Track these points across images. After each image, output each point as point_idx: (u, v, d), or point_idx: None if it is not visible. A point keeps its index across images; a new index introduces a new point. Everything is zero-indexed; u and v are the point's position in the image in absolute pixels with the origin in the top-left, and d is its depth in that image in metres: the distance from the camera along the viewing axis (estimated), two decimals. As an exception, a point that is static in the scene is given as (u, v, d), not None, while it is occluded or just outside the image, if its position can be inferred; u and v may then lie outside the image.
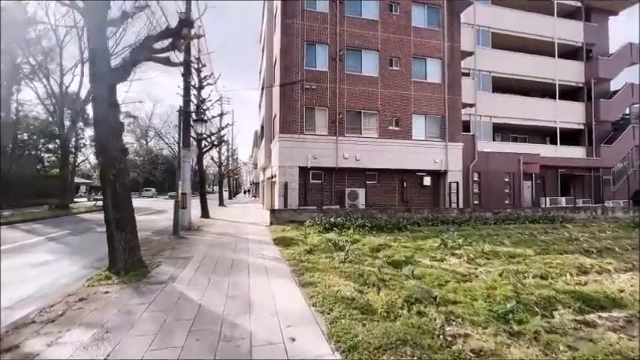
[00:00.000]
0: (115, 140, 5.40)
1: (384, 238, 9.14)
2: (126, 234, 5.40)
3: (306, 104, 14.07)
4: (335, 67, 14.45)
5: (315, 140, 14.08)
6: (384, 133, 15.08)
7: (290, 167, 13.69)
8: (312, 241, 8.41)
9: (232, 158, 33.00)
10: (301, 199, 14.08)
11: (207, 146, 16.33)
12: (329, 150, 14.20)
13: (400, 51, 15.44)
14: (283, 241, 8.50)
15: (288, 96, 13.83)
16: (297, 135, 13.84)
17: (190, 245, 8.03)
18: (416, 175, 16.01)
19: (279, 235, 9.58)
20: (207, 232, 10.41)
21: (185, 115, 11.11)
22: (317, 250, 7.21)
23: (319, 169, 14.51)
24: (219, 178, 29.01)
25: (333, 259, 6.32)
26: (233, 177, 44.29)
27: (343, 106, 14.54)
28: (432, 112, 15.88)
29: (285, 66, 13.91)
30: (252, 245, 8.11)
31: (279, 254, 6.99)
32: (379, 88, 15.05)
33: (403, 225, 11.03)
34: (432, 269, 5.66)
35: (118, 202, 5.35)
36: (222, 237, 9.41)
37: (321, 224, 10.60)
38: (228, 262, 6.25)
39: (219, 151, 26.79)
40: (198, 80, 15.07)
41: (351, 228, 10.12)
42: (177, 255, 6.91)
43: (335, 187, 14.85)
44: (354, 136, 14.69)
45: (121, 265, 5.29)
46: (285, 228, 10.79)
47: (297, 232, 9.81)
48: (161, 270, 5.63)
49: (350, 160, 14.42)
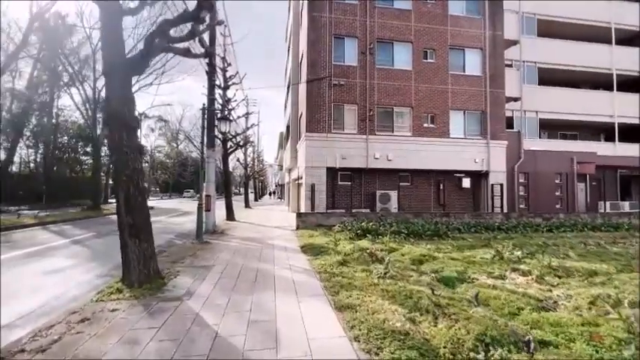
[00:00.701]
0: (130, 137, 4.87)
1: (424, 246, 8.13)
2: (140, 242, 4.85)
3: (334, 101, 13.28)
4: (365, 61, 13.55)
5: (344, 139, 13.25)
6: (418, 131, 13.95)
7: (317, 168, 12.94)
8: (343, 249, 7.58)
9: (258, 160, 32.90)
10: (329, 201, 13.28)
11: (233, 147, 15.99)
12: (359, 150, 13.30)
13: (436, 42, 14.25)
14: (312, 248, 7.73)
15: (315, 93, 13.11)
16: (324, 134, 13.07)
17: (213, 252, 7.47)
18: (453, 176, 14.70)
19: (306, 241, 8.83)
20: (231, 237, 9.87)
21: (209, 114, 10.69)
22: (350, 260, 6.36)
23: (348, 170, 13.65)
24: (244, 179, 28.94)
25: (371, 273, 5.47)
26: (259, 179, 44.44)
27: (374, 102, 13.59)
28: (471, 108, 14.53)
29: (312, 61, 13.21)
30: (279, 253, 7.41)
31: (308, 265, 6.21)
32: (413, 82, 13.95)
33: (443, 232, 9.90)
34: (495, 290, 4.62)
35: (132, 205, 4.82)
36: (247, 242, 8.81)
37: (351, 230, 9.73)
38: (251, 273, 5.56)
39: (245, 152, 26.66)
40: (224, 80, 14.76)
41: (386, 235, 9.19)
42: (197, 263, 6.34)
43: (365, 189, 13.92)
44: (386, 135, 13.69)
45: (134, 276, 4.74)
46: (312, 233, 10.03)
47: (325, 239, 9.01)
48: (178, 282, 5.03)
49: (381, 161, 13.44)
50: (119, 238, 4.84)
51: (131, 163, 4.85)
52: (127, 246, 4.79)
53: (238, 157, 27.91)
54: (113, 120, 4.84)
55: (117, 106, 4.81)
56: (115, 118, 4.82)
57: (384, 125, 13.78)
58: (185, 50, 5.91)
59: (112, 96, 4.83)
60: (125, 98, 4.89)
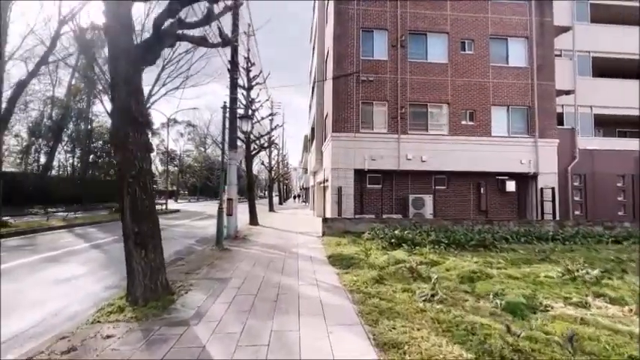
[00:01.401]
0: (137, 133, 4.30)
1: (470, 259, 7.02)
2: (147, 252, 4.24)
3: (362, 99, 12.40)
4: (395, 55, 12.57)
5: (373, 139, 12.31)
6: (455, 129, 12.72)
7: (344, 170, 12.08)
8: (376, 261, 6.67)
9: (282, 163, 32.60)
10: (357, 206, 12.36)
11: (256, 149, 15.52)
12: (389, 150, 12.30)
13: (474, 32, 12.99)
14: (340, 259, 6.88)
15: (342, 90, 12.30)
16: (352, 134, 12.21)
17: (232, 261, 6.82)
18: (495, 178, 13.27)
19: (334, 250, 7.98)
20: (253, 243, 9.23)
21: (231, 114, 10.19)
22: (387, 276, 5.44)
23: (378, 173, 12.67)
24: (269, 182, 28.63)
25: (414, 294, 4.54)
26: (283, 182, 44.24)
27: (406, 99, 12.56)
28: (516, 103, 13.07)
29: (338, 57, 12.43)
30: (304, 264, 6.62)
31: (338, 280, 5.36)
32: (449, 76, 12.77)
33: (490, 242, 8.67)
34: (587, 327, 3.53)
35: (138, 210, 4.22)
36: (269, 250, 8.11)
37: (384, 238, 8.76)
38: (272, 290, 4.80)
39: (270, 155, 26.34)
40: (247, 80, 14.34)
41: (424, 245, 8.14)
42: (214, 274, 5.68)
43: (396, 192, 12.86)
44: (419, 134, 12.58)
45: (139, 292, 4.13)
46: (340, 241, 9.17)
47: (355, 248, 8.12)
48: (189, 299, 4.36)
49: (414, 162, 12.34)
50: (124, 247, 4.26)
51: (138, 162, 4.27)
52: (132, 257, 4.20)
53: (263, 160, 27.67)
54: (118, 113, 4.29)
55: (123, 98, 4.26)
56: (121, 111, 4.27)
57: (417, 124, 12.69)
58: (200, 39, 5.32)
59: (118, 87, 4.29)
60: (133, 89, 4.33)
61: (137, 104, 4.36)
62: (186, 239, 10.34)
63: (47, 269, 6.26)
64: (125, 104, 4.25)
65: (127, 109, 4.26)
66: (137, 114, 4.33)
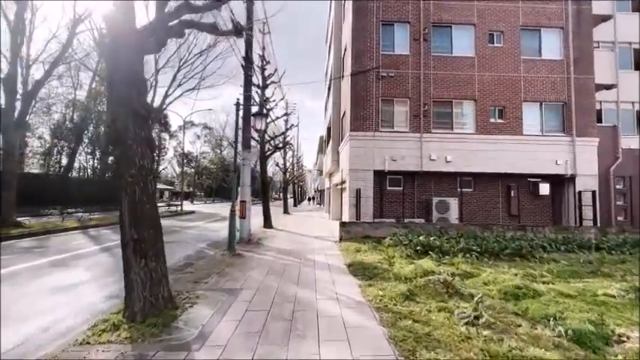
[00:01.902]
0: (137, 127, 3.84)
1: (506, 270, 6.25)
2: (147, 261, 3.76)
3: (382, 96, 11.72)
4: (418, 49, 11.83)
5: (394, 138, 11.59)
6: (483, 127, 11.83)
7: (363, 171, 11.42)
8: (402, 270, 6.00)
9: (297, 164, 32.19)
10: (376, 209, 11.66)
11: (271, 149, 15.09)
12: (411, 150, 11.55)
13: (504, 22, 12.09)
14: (361, 268, 6.24)
15: (360, 87, 11.67)
16: (371, 133, 11.54)
17: (244, 268, 6.31)
18: (527, 181, 12.26)
19: (353, 257, 7.35)
20: (267, 248, 8.71)
21: (245, 112, 9.75)
22: (418, 291, 4.76)
23: (399, 174, 11.93)
24: (284, 184, 28.24)
25: (452, 315, 3.86)
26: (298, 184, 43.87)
27: (429, 95, 11.78)
28: (550, 99, 12.05)
29: (356, 52, 11.82)
30: (321, 273, 6.01)
31: (361, 294, 4.72)
32: (476, 71, 11.91)
33: (527, 250, 7.80)
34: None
35: (138, 214, 3.75)
36: (284, 256, 7.55)
37: (408, 245, 8.05)
38: (287, 306, 4.22)
39: (285, 156, 25.94)
40: (262, 78, 13.94)
41: (453, 253, 7.38)
42: (223, 284, 5.17)
43: (418, 195, 12.07)
44: (444, 133, 11.77)
45: (137, 306, 3.64)
46: (359, 246, 8.52)
47: (376, 255, 7.46)
48: (193, 315, 3.84)
49: (438, 163, 11.53)
50: (122, 255, 3.79)
51: (138, 160, 3.81)
52: (130, 267, 3.72)
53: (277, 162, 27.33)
54: (117, 105, 3.84)
55: (122, 89, 3.81)
56: (120, 102, 3.82)
57: (441, 122, 11.88)
58: (210, 26, 4.85)
59: (118, 75, 3.84)
60: (134, 79, 3.88)
61: (138, 95, 3.91)
62: (198, 242, 9.96)
63: (50, 275, 5.93)
64: (124, 94, 3.80)
65: (127, 99, 3.80)
66: (138, 106, 3.87)
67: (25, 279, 5.60)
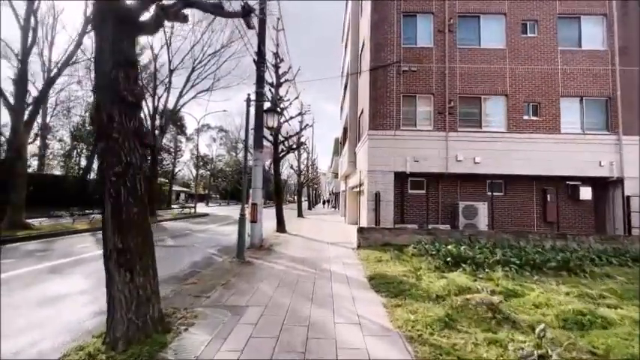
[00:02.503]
0: (125, 117, 3.25)
1: (555, 287, 5.33)
2: (133, 276, 3.15)
3: (403, 92, 10.90)
4: (443, 41, 10.96)
5: (417, 138, 10.74)
6: (515, 125, 10.80)
7: (382, 173, 10.61)
8: (431, 286, 5.19)
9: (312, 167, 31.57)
10: (397, 214, 10.81)
11: (285, 150, 14.50)
12: (435, 150, 10.65)
13: (538, 11, 11.05)
14: (385, 282, 5.45)
15: (380, 83, 10.90)
16: (391, 132, 10.74)
17: (252, 279, 5.65)
18: (566, 184, 11.10)
19: (374, 268, 6.57)
20: (279, 255, 8.05)
21: (257, 110, 9.18)
22: (456, 314, 3.95)
23: (421, 176, 11.05)
24: (298, 187, 27.67)
25: (506, 351, 3.05)
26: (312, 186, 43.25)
27: (455, 91, 10.88)
28: (591, 93, 10.89)
29: (376, 46, 11.07)
30: (339, 288, 5.27)
31: (387, 318, 3.95)
32: (507, 63, 10.91)
33: (575, 263, 6.78)
34: None
35: (123, 220, 3.15)
36: (297, 266, 6.86)
37: (436, 255, 7.18)
38: (299, 331, 3.51)
39: (299, 158, 25.37)
40: (276, 77, 13.42)
41: (489, 265, 6.48)
42: (227, 299, 4.52)
43: (443, 199, 11.13)
44: (471, 131, 10.81)
45: (119, 330, 3.03)
46: (380, 255, 7.72)
47: (400, 267, 6.65)
48: (187, 341, 3.20)
49: (465, 164, 10.58)
50: (104, 268, 3.19)
51: (125, 155, 3.21)
52: (113, 282, 3.11)
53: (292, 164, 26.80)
54: (102, 91, 3.26)
55: (107, 70, 3.23)
56: (105, 88, 3.24)
57: (468, 119, 10.93)
58: (213, 6, 4.25)
59: (103, 55, 3.27)
60: (122, 61, 3.29)
61: (126, 79, 3.32)
62: (207, 247, 9.42)
63: (43, 282, 5.47)
64: (110, 78, 3.22)
65: (113, 84, 3.22)
66: (126, 91, 3.28)
67: (16, 287, 5.15)
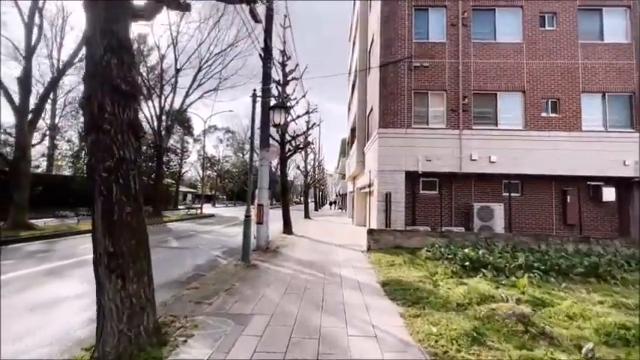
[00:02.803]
0: (118, 107, 2.95)
1: (589, 297, 4.87)
2: (126, 283, 2.84)
3: (414, 88, 10.50)
4: (456, 35, 10.53)
5: (429, 136, 10.32)
6: (533, 122, 10.31)
7: (393, 172, 10.21)
8: (451, 293, 4.81)
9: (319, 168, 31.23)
10: (408, 216, 10.39)
11: (292, 150, 14.19)
12: (448, 149, 10.22)
13: (557, 3, 10.55)
14: (400, 288, 5.07)
15: (390, 80, 10.52)
16: (402, 130, 10.34)
17: (258, 284, 5.32)
18: (587, 184, 10.55)
19: (387, 272, 6.18)
20: (286, 258, 7.71)
21: (263, 107, 8.88)
22: (482, 326, 3.55)
23: (434, 176, 10.62)
24: (305, 188, 27.36)
25: (547, 373, 2.64)
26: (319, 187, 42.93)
27: (469, 87, 10.43)
28: (614, 89, 10.33)
29: (386, 42, 10.69)
30: (350, 294, 4.90)
31: (406, 330, 3.57)
32: (524, 58, 10.42)
33: (605, 269, 6.29)
34: None
35: (114, 221, 2.84)
36: (305, 270, 6.50)
37: (452, 259, 6.76)
38: (309, 345, 3.15)
39: (306, 159, 25.03)
40: (283, 75, 13.14)
41: (510, 270, 6.04)
42: (230, 307, 4.19)
43: (457, 200, 10.68)
44: (486, 129, 10.35)
45: (110, 343, 2.72)
46: (392, 259, 7.32)
47: (415, 271, 6.25)
48: (184, 356, 2.87)
49: (480, 163, 10.12)
50: (94, 274, 2.89)
51: (117, 149, 2.91)
52: (103, 290, 2.81)
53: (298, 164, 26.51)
54: (93, 79, 2.96)
55: (98, 55, 2.93)
56: (96, 75, 2.94)
57: (483, 117, 10.47)
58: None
59: (94, 38, 2.97)
60: (115, 45, 3.00)
61: (120, 65, 3.01)
62: (211, 249, 9.14)
63: (40, 286, 5.22)
64: (101, 64, 2.92)
65: (104, 70, 2.92)
66: (119, 79, 2.98)
67: (12, 291, 4.91)
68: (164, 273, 6.23)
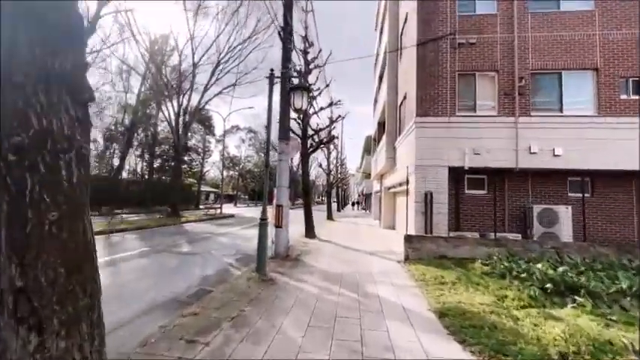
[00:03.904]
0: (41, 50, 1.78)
1: None
2: (45, 339, 1.67)
3: (459, 70, 8.95)
4: (509, 5, 8.88)
5: (476, 125, 8.74)
6: (608, 107, 8.46)
7: (434, 168, 8.72)
8: (541, 333, 3.36)
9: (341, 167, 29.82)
10: (451, 219, 8.86)
11: (314, 145, 12.96)
12: (500, 140, 8.60)
13: (639, -41, 8.62)
14: (468, 325, 3.66)
15: (430, 59, 9.03)
16: (444, 118, 8.82)
17: (274, 310, 4.09)
18: (679, 183, 8.55)
19: (440, 295, 4.77)
20: (308, 269, 6.48)
21: (282, 92, 7.69)
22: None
23: (481, 172, 9.02)
24: (327, 187, 26.09)
25: None
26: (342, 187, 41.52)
27: (526, 66, 8.75)
28: None
29: (424, 17, 9.21)
30: (399, 332, 3.56)
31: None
32: (597, 29, 8.59)
33: None
34: None
35: (29, 234, 1.68)
36: (333, 288, 5.22)
37: (523, 278, 5.23)
38: None
39: (328, 157, 23.75)
40: (305, 63, 11.96)
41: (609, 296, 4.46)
42: (234, 351, 2.99)
43: (510, 201, 9.01)
44: (549, 116, 8.62)
45: None
46: (440, 275, 5.89)
47: (477, 294, 4.80)
48: None
49: (541, 157, 8.41)
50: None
51: (35, 115, 1.75)
52: (6, 350, 1.65)
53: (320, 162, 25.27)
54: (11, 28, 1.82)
55: None
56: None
57: (544, 101, 8.74)
58: None
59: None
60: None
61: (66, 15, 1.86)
62: (225, 256, 8.08)
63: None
64: None
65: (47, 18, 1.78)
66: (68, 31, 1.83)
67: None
68: (163, 287, 5.18)
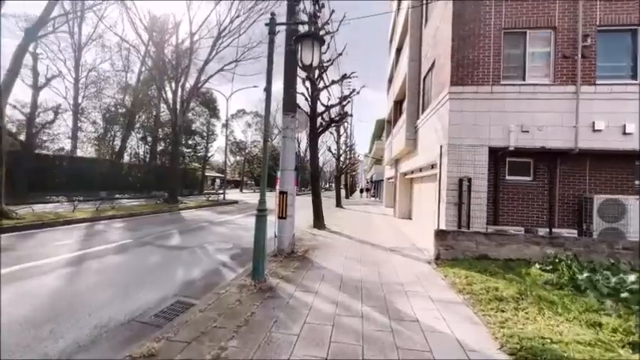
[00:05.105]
0: None
1: None
2: None
3: (505, 27, 7.27)
4: (572, -57, 7.06)
5: (525, 96, 7.13)
6: (698, 72, 6.73)
7: (471, 148, 7.20)
8: None
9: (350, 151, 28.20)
10: (489, 211, 7.38)
11: (324, 125, 11.45)
12: (556, 115, 6.99)
13: None
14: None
15: (468, 15, 7.35)
16: (486, 87, 7.22)
17: (269, 345, 2.76)
18: None
19: (505, 321, 3.35)
20: (318, 273, 5.14)
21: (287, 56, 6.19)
22: None
23: (526, 155, 7.45)
24: (337, 173, 24.64)
25: None
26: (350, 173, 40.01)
27: (592, 21, 7.01)
28: None
29: (462, -38, 7.46)
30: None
31: None
32: (687, -29, 6.76)
33: None
34: None
35: None
36: (352, 305, 3.88)
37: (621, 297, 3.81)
38: None
39: (338, 140, 22.19)
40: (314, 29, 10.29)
41: None
42: None
43: (563, 190, 7.46)
44: (619, 84, 6.94)
45: None
46: (491, 285, 4.51)
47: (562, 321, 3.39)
48: None
49: (607, 135, 6.81)
50: None
51: None
52: None
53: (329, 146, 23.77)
54: None
55: None
56: None
57: (614, 66, 7.04)
58: None
59: None
60: None
61: None
62: (219, 251, 6.81)
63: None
64: None
65: None
66: None
67: None
68: (128, 298, 3.92)
